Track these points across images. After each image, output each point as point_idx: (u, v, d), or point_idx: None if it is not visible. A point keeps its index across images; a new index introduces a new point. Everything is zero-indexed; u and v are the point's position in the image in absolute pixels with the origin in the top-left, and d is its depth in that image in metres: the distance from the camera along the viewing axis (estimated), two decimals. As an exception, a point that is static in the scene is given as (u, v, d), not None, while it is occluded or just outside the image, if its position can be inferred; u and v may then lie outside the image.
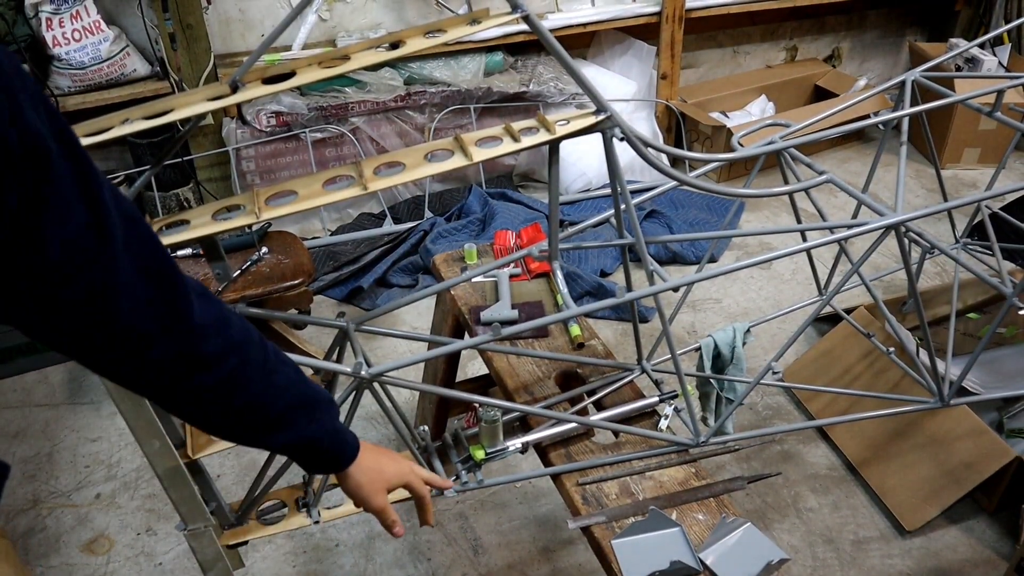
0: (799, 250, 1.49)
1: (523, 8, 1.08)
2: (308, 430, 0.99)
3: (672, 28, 4.00)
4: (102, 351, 0.77)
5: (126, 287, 0.72)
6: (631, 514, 1.40)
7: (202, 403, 0.88)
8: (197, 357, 0.82)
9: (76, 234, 0.66)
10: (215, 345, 0.83)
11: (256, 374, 0.89)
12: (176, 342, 0.79)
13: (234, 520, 1.39)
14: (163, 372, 0.81)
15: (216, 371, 0.84)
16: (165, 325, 0.77)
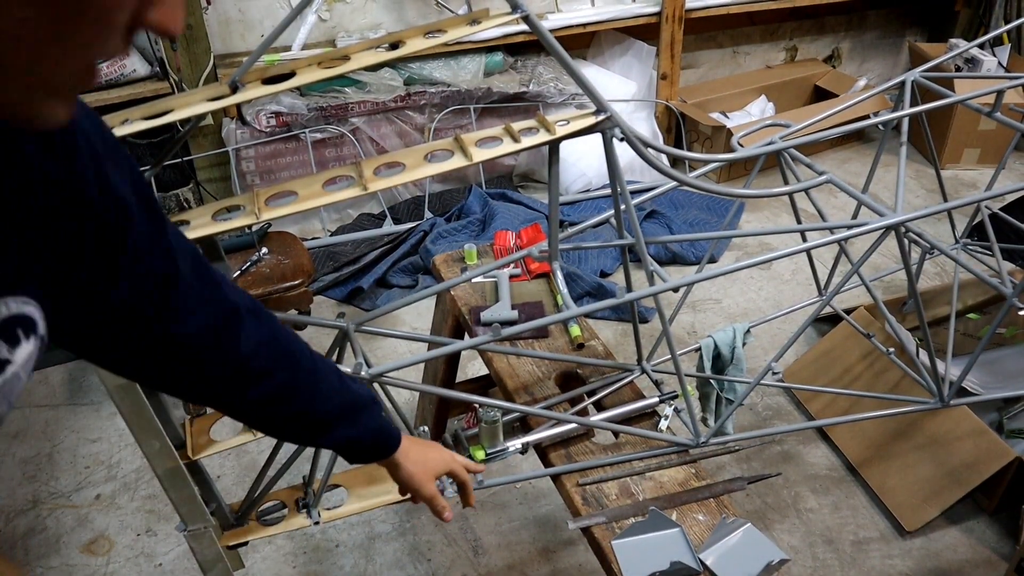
0: (799, 250, 1.49)
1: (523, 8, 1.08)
2: (352, 431, 1.06)
3: (672, 28, 4.00)
4: (161, 370, 0.87)
5: (187, 315, 0.82)
6: (631, 515, 1.40)
7: (254, 412, 0.99)
8: (247, 374, 0.92)
9: (148, 273, 0.76)
10: (264, 362, 0.92)
11: (303, 386, 0.97)
12: (229, 363, 0.89)
13: (234, 521, 1.39)
14: (218, 388, 0.92)
15: (265, 385, 0.94)
16: (220, 348, 0.87)
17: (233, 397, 0.94)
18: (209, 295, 0.85)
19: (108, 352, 0.82)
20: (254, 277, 2.50)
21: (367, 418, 1.08)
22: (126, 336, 0.79)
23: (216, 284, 0.86)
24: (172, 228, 0.79)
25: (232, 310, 0.88)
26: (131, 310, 0.76)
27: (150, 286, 0.77)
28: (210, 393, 0.93)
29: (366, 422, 1.08)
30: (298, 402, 0.98)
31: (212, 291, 0.85)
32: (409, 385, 1.38)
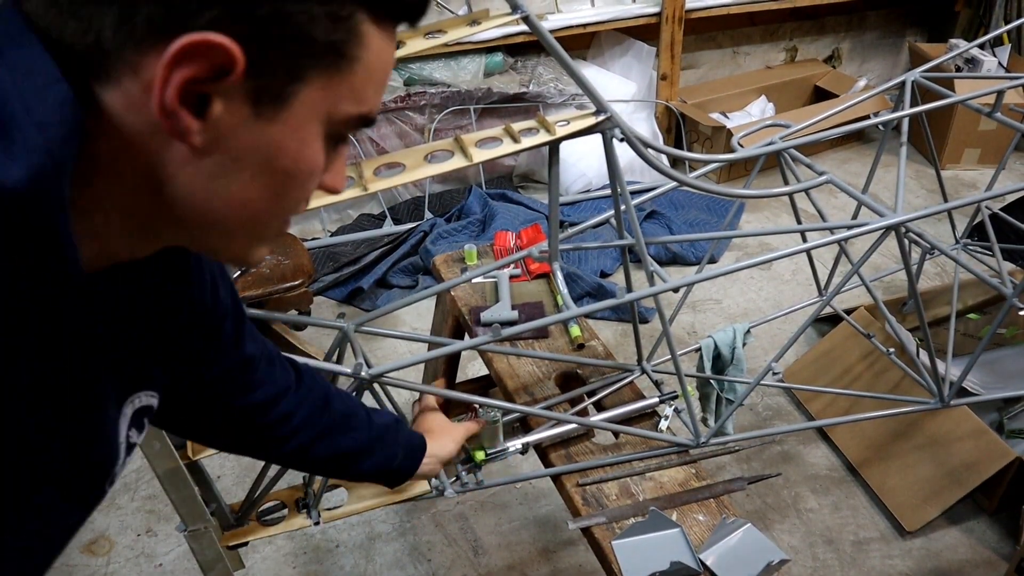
0: (799, 251, 1.49)
1: (523, 9, 1.08)
2: (376, 463, 1.16)
3: (672, 29, 4.00)
4: (221, 430, 1.02)
5: (255, 389, 0.97)
6: (631, 515, 1.40)
7: (289, 461, 1.12)
8: (291, 429, 1.03)
9: (230, 365, 0.91)
10: (289, 427, 1.03)
11: (326, 438, 1.08)
12: (276, 424, 1.02)
13: (234, 521, 1.39)
14: (254, 449, 1.08)
15: (292, 442, 1.04)
16: (273, 412, 1.01)
17: (269, 453, 1.10)
18: (271, 374, 0.99)
19: (190, 425, 0.98)
20: (254, 278, 2.50)
21: (389, 451, 1.18)
22: (207, 408, 0.94)
23: (271, 360, 1.00)
24: (249, 325, 0.94)
25: (288, 382, 1.02)
26: (214, 388, 0.91)
27: (233, 368, 0.92)
28: (252, 451, 1.08)
29: (389, 453, 1.18)
30: (323, 451, 1.08)
31: (274, 371, 1.00)
32: (409, 386, 1.38)
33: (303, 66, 0.52)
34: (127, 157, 0.52)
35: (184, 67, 0.47)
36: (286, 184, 0.57)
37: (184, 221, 0.57)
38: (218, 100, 0.50)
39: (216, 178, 0.53)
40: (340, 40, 0.53)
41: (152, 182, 0.53)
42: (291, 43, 0.50)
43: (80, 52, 0.48)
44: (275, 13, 0.48)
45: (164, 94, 0.48)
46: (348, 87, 0.55)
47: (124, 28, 0.47)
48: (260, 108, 0.52)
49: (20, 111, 0.45)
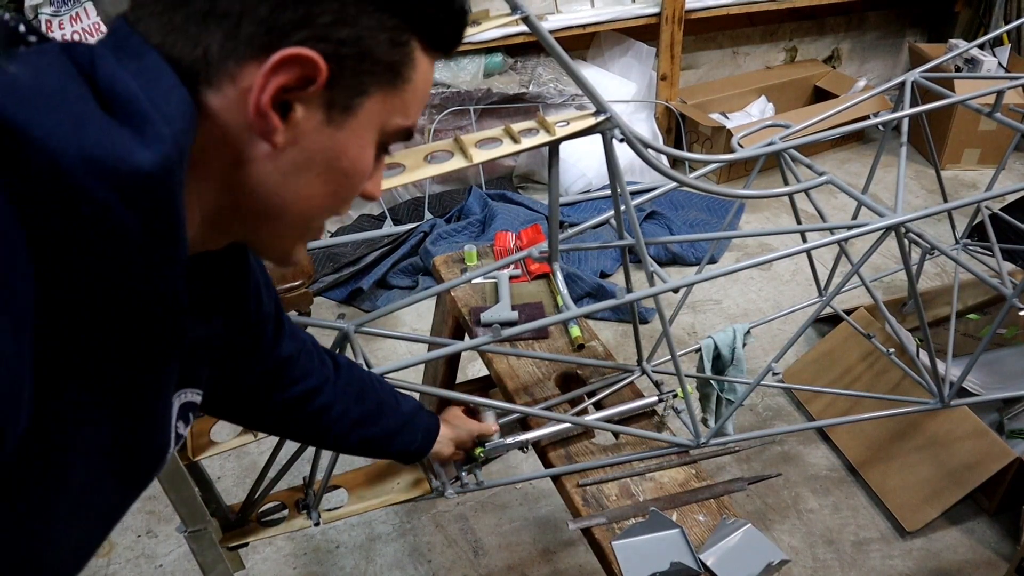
0: (799, 251, 1.49)
1: (523, 9, 1.08)
2: (401, 445, 1.26)
3: (672, 29, 4.00)
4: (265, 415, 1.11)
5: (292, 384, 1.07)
6: (631, 515, 1.40)
7: (328, 446, 1.22)
8: (317, 427, 1.13)
9: (268, 365, 1.02)
10: (328, 417, 1.12)
11: (362, 427, 1.17)
12: (301, 420, 1.10)
13: (234, 522, 1.39)
14: (297, 436, 1.20)
15: (333, 430, 1.14)
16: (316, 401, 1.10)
17: (318, 436, 1.17)
18: (310, 368, 1.07)
19: (233, 413, 1.09)
20: (254, 278, 2.50)
21: (410, 435, 1.27)
22: (247, 401, 1.04)
23: (310, 355, 1.08)
24: (289, 325, 1.03)
25: (327, 375, 1.10)
26: (253, 385, 1.01)
27: (270, 368, 1.01)
28: (301, 435, 1.19)
29: (412, 435, 1.27)
30: (357, 439, 1.18)
31: (312, 365, 1.07)
32: (409, 386, 1.37)
33: (368, 82, 0.62)
34: (217, 152, 0.60)
35: (279, 75, 0.57)
36: (343, 184, 0.66)
37: (251, 213, 0.65)
38: (299, 106, 0.59)
39: (288, 174, 0.62)
40: (398, 61, 0.63)
41: (232, 176, 0.61)
42: (361, 61, 0.60)
43: (188, 64, 0.57)
44: (351, 36, 0.58)
45: (260, 97, 0.57)
46: (400, 103, 0.65)
47: (228, 45, 0.57)
48: (331, 115, 0.61)
49: (151, 109, 0.53)
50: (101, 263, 0.52)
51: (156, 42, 0.57)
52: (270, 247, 0.71)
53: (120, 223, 0.51)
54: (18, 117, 0.47)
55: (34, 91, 0.49)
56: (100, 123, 0.50)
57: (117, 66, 0.54)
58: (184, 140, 0.55)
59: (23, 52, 0.53)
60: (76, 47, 0.55)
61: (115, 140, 0.50)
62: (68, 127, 0.49)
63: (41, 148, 0.47)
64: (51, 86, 0.50)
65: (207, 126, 0.58)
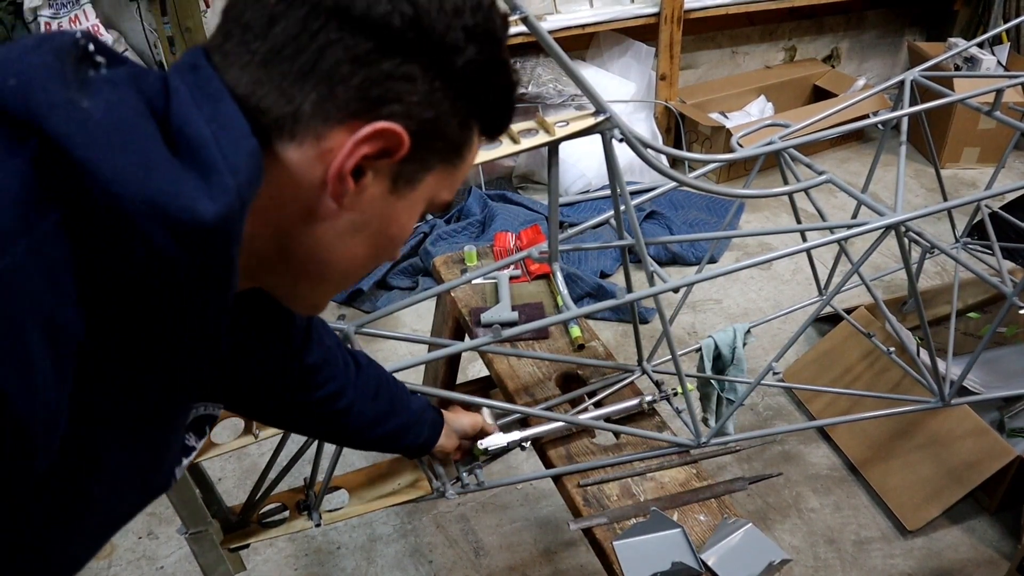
0: (799, 250, 1.49)
1: (522, 10, 1.08)
2: (410, 440, 1.28)
3: (671, 29, 4.00)
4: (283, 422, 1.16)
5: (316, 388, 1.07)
6: (632, 515, 1.40)
7: (345, 443, 1.24)
8: (337, 426, 1.15)
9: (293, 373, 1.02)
10: (348, 418, 1.13)
11: (377, 425, 1.19)
12: (321, 419, 1.11)
13: (235, 523, 1.39)
14: (316, 434, 1.24)
15: (350, 428, 1.15)
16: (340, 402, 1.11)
17: (337, 434, 1.19)
18: (334, 373, 1.08)
19: (255, 412, 1.13)
20: (254, 279, 2.50)
21: (418, 431, 1.28)
22: (272, 401, 1.05)
23: (334, 360, 1.08)
24: (317, 333, 1.03)
25: (349, 378, 1.10)
26: (277, 389, 1.02)
27: (295, 374, 1.01)
28: (320, 433, 1.22)
29: (425, 421, 1.29)
30: (370, 437, 1.20)
31: (336, 370, 1.08)
32: (409, 387, 1.37)
33: (434, 160, 0.66)
34: (283, 204, 0.62)
35: (366, 144, 0.60)
36: (386, 248, 0.69)
37: (297, 266, 0.67)
38: (371, 173, 0.62)
39: (343, 235, 0.65)
40: (462, 144, 0.68)
41: (292, 229, 0.63)
42: (435, 140, 0.64)
43: (275, 117, 0.59)
44: (432, 117, 0.62)
45: (346, 162, 0.60)
46: (451, 179, 0.69)
47: (322, 106, 0.59)
48: (397, 186, 0.65)
49: (219, 157, 0.53)
50: (152, 304, 0.53)
51: (243, 92, 0.58)
52: (304, 298, 0.73)
53: (175, 269, 0.52)
54: (87, 155, 0.48)
55: (105, 129, 0.49)
56: (167, 168, 0.51)
57: (192, 107, 0.55)
58: (248, 192, 0.55)
59: (94, 78, 0.53)
60: (148, 77, 0.56)
61: (180, 188, 0.50)
62: (136, 170, 0.49)
63: (106, 189, 0.48)
64: (122, 124, 0.50)
65: (279, 178, 0.60)
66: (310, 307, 0.75)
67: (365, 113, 0.59)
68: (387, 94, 0.59)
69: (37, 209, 0.47)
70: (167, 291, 0.53)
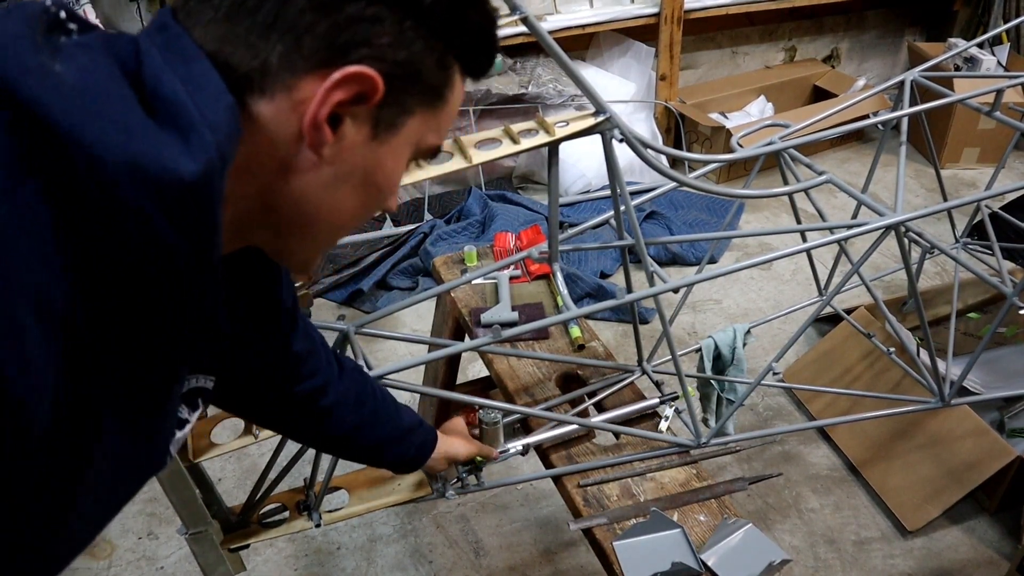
0: (799, 251, 1.49)
1: (522, 10, 1.08)
2: (395, 455, 1.25)
3: (671, 29, 4.00)
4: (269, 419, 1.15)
5: (306, 379, 1.06)
6: (632, 515, 1.40)
7: (328, 448, 1.23)
8: (319, 427, 1.13)
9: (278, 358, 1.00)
10: (330, 420, 1.12)
11: (361, 431, 1.16)
12: (303, 417, 1.10)
13: (235, 523, 1.39)
14: (299, 435, 1.19)
15: (332, 432, 1.14)
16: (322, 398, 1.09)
17: (319, 436, 1.16)
18: (318, 367, 1.06)
19: (241, 406, 1.09)
20: (254, 280, 2.50)
21: (408, 445, 1.26)
22: (255, 393, 1.03)
23: (319, 352, 1.07)
24: (303, 322, 1.02)
25: (332, 375, 1.09)
26: (261, 376, 1.00)
27: (279, 361, 1.00)
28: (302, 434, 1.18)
29: (413, 441, 1.26)
30: (361, 444, 1.18)
31: (320, 364, 1.07)
32: (410, 387, 1.38)
33: (414, 102, 0.64)
34: (262, 160, 0.61)
35: (338, 91, 0.58)
36: (374, 197, 0.68)
37: (284, 222, 0.66)
38: (349, 121, 0.61)
39: (328, 186, 0.64)
40: (442, 84, 0.66)
41: (273, 184, 0.62)
42: (411, 83, 0.63)
43: (244, 72, 0.58)
44: (406, 58, 0.61)
45: (319, 111, 0.58)
46: (436, 122, 0.68)
47: (289, 57, 0.58)
48: (377, 131, 0.63)
49: (196, 115, 0.52)
50: (138, 270, 0.52)
51: (211, 49, 0.57)
52: (294, 255, 0.72)
53: (158, 231, 0.51)
54: (64, 121, 0.47)
55: (80, 93, 0.49)
56: (146, 130, 0.50)
57: (165, 67, 0.54)
58: (227, 148, 0.55)
59: (65, 44, 0.52)
60: (119, 41, 0.55)
61: (160, 148, 0.50)
62: (115, 133, 0.48)
63: (88, 154, 0.47)
64: (97, 88, 0.50)
65: (254, 134, 0.59)
66: (301, 263, 0.73)
67: (334, 60, 0.58)
68: (355, 38, 0.58)
69: (14, 176, 0.46)
70: (153, 255, 0.52)
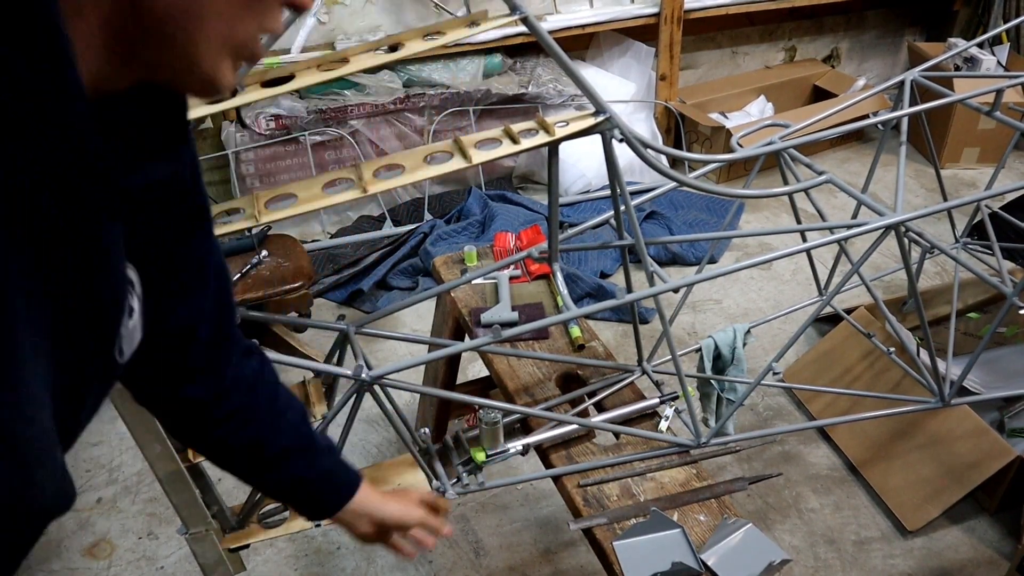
0: (799, 250, 1.49)
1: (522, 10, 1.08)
2: (299, 471, 1.03)
3: (671, 29, 4.00)
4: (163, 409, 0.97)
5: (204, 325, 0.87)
6: (632, 515, 1.40)
7: (208, 434, 0.97)
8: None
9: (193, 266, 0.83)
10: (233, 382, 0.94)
11: (263, 414, 0.98)
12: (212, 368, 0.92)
13: (235, 524, 1.39)
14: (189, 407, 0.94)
15: (227, 404, 0.94)
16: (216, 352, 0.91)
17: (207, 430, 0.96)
18: (225, 300, 0.90)
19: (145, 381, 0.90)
20: (254, 280, 2.50)
21: (322, 460, 1.05)
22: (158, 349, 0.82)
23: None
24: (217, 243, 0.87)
25: (234, 323, 0.93)
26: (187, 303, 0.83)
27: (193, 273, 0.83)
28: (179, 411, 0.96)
29: (319, 464, 1.05)
30: (254, 429, 0.97)
31: (225, 297, 0.90)
32: (410, 387, 1.38)
33: None
34: None
35: None
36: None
37: (157, 22, 0.57)
38: None
39: None
40: None
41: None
42: None
43: None
44: None
45: None
46: None
47: None
48: None
49: None
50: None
51: None
52: (188, 71, 0.62)
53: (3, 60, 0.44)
54: None
55: None
56: None
57: None
58: None
59: None
60: None
61: None
62: None
63: None
64: None
65: None
66: (203, 80, 0.63)
67: None
68: None
69: None
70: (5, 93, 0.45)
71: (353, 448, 2.52)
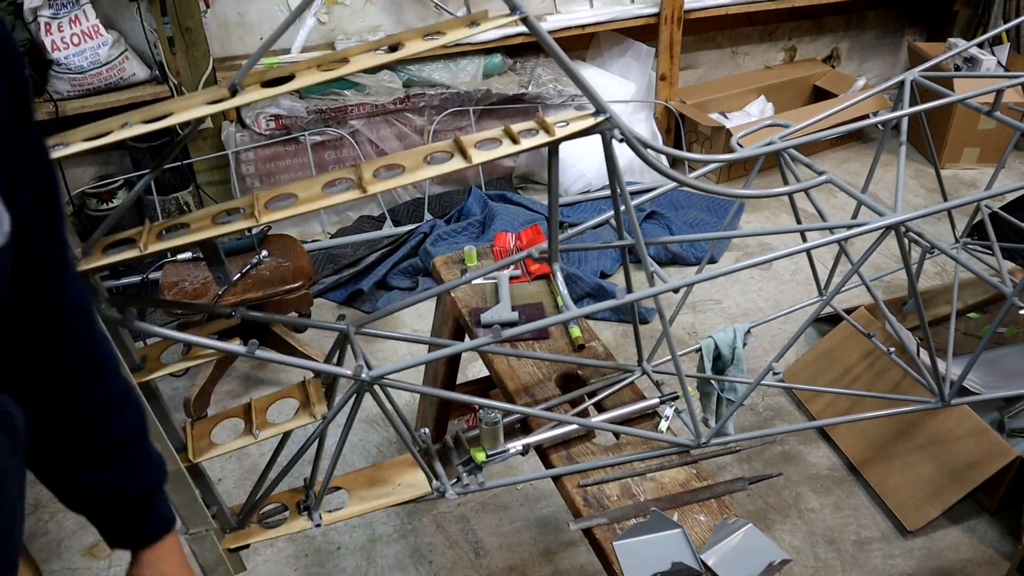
0: (799, 250, 1.49)
1: (522, 10, 1.08)
2: (121, 477, 0.95)
3: (671, 29, 4.00)
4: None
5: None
6: (632, 515, 1.40)
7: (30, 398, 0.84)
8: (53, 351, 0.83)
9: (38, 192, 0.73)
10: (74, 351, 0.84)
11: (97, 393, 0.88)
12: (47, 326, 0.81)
13: (235, 524, 1.39)
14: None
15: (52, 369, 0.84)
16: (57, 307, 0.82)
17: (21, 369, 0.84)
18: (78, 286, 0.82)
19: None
20: (254, 280, 2.50)
21: (148, 475, 0.97)
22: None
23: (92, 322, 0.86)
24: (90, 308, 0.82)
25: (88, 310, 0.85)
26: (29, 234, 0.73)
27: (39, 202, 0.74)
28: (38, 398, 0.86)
29: (144, 478, 0.97)
30: (80, 406, 0.87)
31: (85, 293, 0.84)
32: (409, 387, 1.38)
33: None
34: None
35: None
36: None
37: None
38: None
39: None
40: None
41: None
42: None
43: None
44: None
45: None
46: None
47: None
48: None
49: None
50: None
51: None
52: None
53: None
54: None
55: None
56: None
57: None
58: None
59: None
60: None
61: None
62: None
63: None
64: None
65: None
66: None
67: None
68: None
69: None
70: None
71: (353, 448, 2.52)
